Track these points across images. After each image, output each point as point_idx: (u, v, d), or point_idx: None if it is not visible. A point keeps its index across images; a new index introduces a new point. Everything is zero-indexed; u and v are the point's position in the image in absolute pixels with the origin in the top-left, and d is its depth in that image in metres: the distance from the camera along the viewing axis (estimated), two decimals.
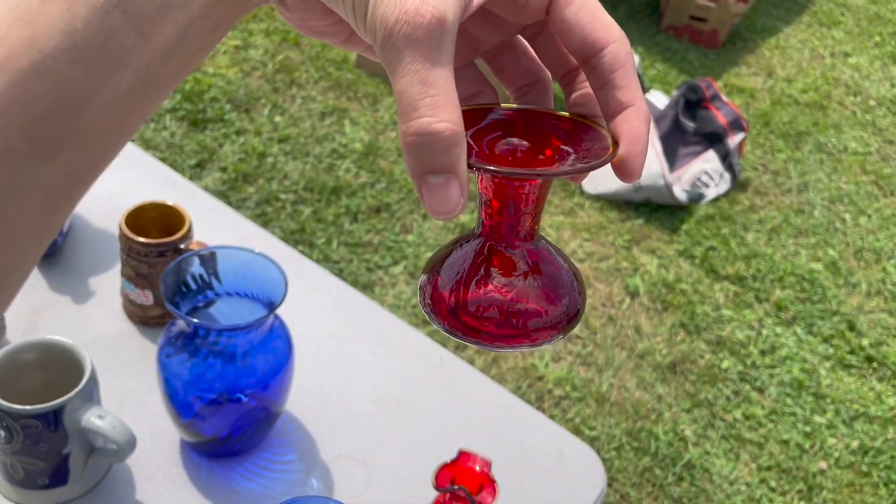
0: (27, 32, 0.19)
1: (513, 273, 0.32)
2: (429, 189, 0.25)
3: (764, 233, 2.35)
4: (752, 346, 1.96)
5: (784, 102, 3.08)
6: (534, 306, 0.31)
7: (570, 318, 0.32)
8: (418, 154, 0.25)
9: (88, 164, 0.23)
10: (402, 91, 0.24)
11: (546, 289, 0.32)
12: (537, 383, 1.73)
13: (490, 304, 0.31)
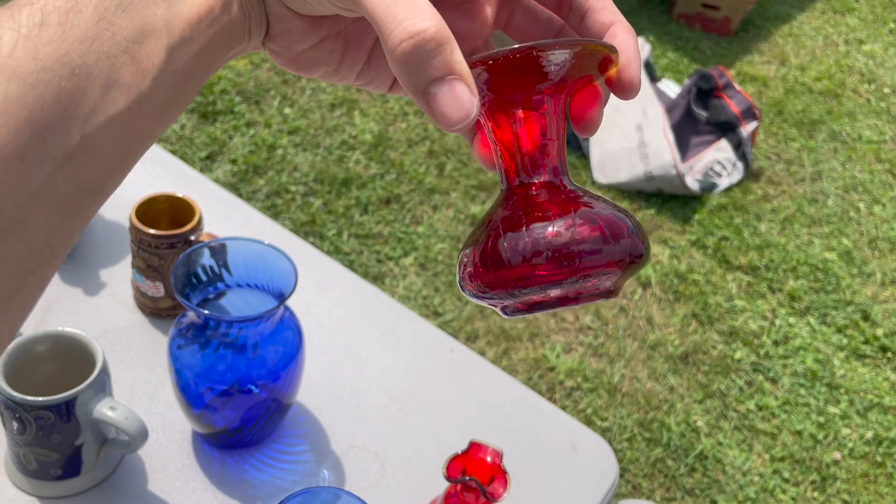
0: (31, 46, 0.22)
1: (553, 209, 0.28)
2: (435, 99, 0.24)
3: (777, 222, 2.33)
4: (766, 337, 1.95)
5: (797, 91, 3.05)
6: (587, 244, 0.27)
7: (632, 256, 0.27)
8: (412, 64, 0.24)
9: (98, 177, 0.24)
10: (373, 9, 0.24)
11: (596, 224, 0.27)
12: (548, 374, 1.73)
13: (539, 250, 0.27)
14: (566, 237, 0.27)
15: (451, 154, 2.29)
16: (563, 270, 0.27)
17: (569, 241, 0.27)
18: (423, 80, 0.24)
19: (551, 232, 0.27)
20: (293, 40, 0.29)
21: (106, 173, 0.25)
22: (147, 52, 0.24)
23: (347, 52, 0.31)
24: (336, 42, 0.31)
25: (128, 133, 0.24)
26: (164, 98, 0.25)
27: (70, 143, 0.23)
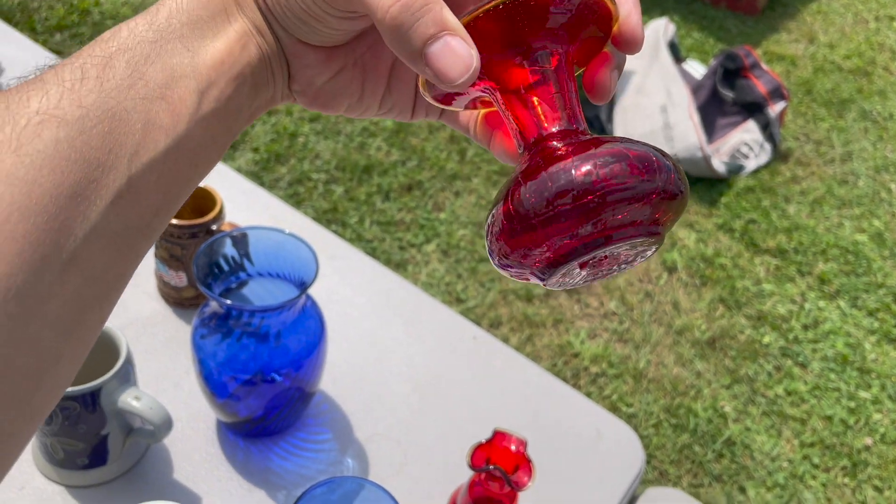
0: (75, 97, 0.25)
1: (572, 150, 0.26)
2: (433, 58, 0.25)
3: (806, 204, 2.29)
4: (795, 321, 1.92)
5: (826, 69, 2.99)
6: (615, 177, 0.25)
7: (665, 191, 0.25)
8: (403, 27, 0.25)
9: (144, 217, 0.27)
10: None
11: (622, 157, 0.25)
12: (573, 360, 1.72)
13: (563, 188, 0.25)
14: (588, 170, 0.25)
15: (472, 140, 2.28)
16: (590, 206, 0.24)
17: (592, 174, 0.25)
18: (418, 42, 0.25)
19: (572, 168, 0.25)
20: (313, 74, 0.31)
21: (152, 213, 0.27)
22: (179, 96, 0.26)
23: (367, 80, 0.32)
24: (354, 71, 0.32)
25: (169, 173, 0.27)
26: (198, 139, 0.27)
27: (118, 182, 0.25)
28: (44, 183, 0.23)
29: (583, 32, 0.28)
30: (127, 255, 0.27)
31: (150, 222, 0.27)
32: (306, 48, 0.30)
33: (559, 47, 0.27)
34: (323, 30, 0.29)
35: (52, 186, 0.23)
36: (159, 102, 0.26)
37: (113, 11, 2.45)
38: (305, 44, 0.30)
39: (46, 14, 2.39)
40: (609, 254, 0.27)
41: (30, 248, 0.23)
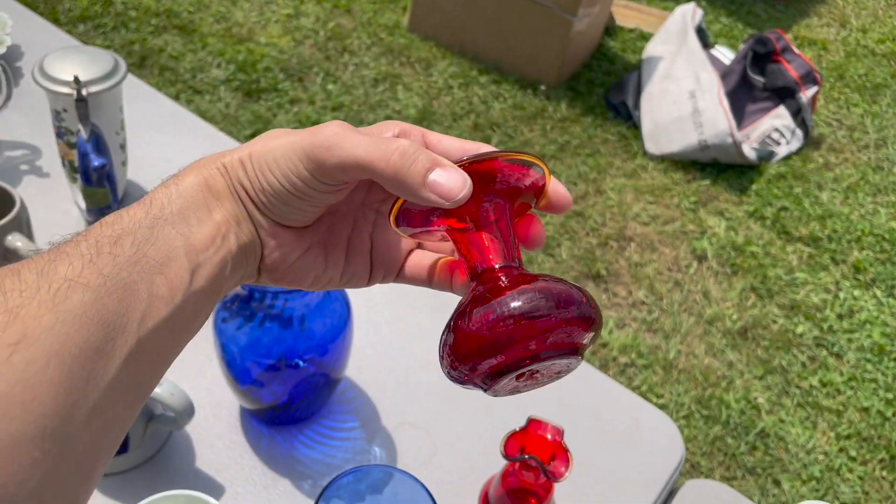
0: (94, 268, 0.29)
1: (511, 285, 0.32)
2: (437, 184, 0.31)
3: (840, 191, 2.23)
4: (829, 310, 1.87)
5: (859, 54, 2.91)
6: (542, 307, 0.31)
7: (585, 320, 0.32)
8: (404, 169, 0.31)
9: (147, 376, 0.31)
10: (360, 155, 0.32)
11: (550, 292, 0.31)
12: (601, 350, 1.68)
13: (502, 314, 0.31)
14: (521, 304, 0.31)
15: (496, 127, 2.25)
16: (524, 330, 0.30)
17: (525, 306, 0.31)
18: (419, 177, 0.31)
19: (510, 300, 0.31)
20: (287, 252, 0.36)
21: (151, 373, 0.31)
22: (175, 273, 0.31)
23: (329, 254, 0.37)
24: (319, 248, 0.37)
25: (167, 339, 0.31)
26: (190, 311, 0.31)
27: (130, 342, 0.29)
28: (76, 337, 0.27)
29: (520, 197, 0.35)
30: (135, 407, 0.30)
31: (151, 380, 0.31)
32: (282, 229, 0.35)
33: (503, 202, 0.34)
34: (305, 208, 0.34)
35: (81, 341, 0.27)
36: (160, 277, 0.30)
37: (136, 1, 2.45)
38: (281, 225, 0.35)
39: (70, 5, 2.38)
40: (540, 368, 0.32)
41: (64, 393, 0.26)
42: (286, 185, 0.33)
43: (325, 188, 0.33)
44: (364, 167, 0.31)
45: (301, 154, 0.32)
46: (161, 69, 2.22)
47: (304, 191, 0.33)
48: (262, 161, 0.33)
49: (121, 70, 0.78)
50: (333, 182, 0.33)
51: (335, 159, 0.32)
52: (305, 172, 0.32)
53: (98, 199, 0.79)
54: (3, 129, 0.91)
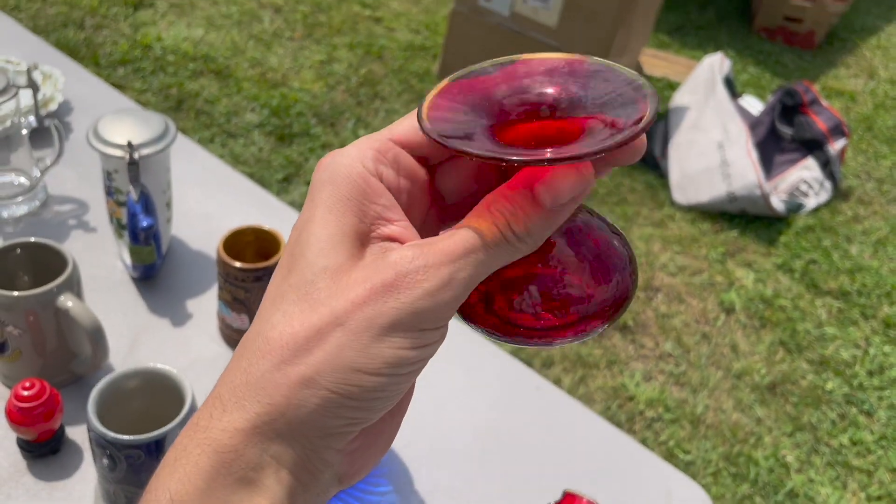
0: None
1: (543, 249, 0.27)
2: (554, 189, 0.26)
3: (869, 245, 2.22)
4: (859, 367, 1.84)
5: (888, 105, 2.91)
6: (575, 289, 0.27)
7: (617, 302, 0.28)
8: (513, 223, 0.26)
9: None
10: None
11: (588, 266, 0.27)
12: (628, 404, 1.67)
13: (523, 291, 0.27)
14: (546, 284, 0.27)
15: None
16: (541, 323, 0.27)
17: (548, 289, 0.27)
18: (531, 208, 0.26)
19: (534, 274, 0.27)
20: (367, 453, 0.30)
21: None
22: None
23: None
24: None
25: None
26: None
27: None
28: None
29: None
30: None
31: None
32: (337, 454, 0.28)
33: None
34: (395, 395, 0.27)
35: None
36: None
37: (174, 47, 2.52)
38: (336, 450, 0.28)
39: (111, 49, 2.46)
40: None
41: None
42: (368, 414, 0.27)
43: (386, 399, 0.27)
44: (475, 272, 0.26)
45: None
46: (197, 113, 2.27)
47: (359, 416, 0.27)
48: (313, 428, 0.26)
49: (171, 133, 0.80)
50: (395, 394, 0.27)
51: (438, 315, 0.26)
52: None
53: (144, 257, 0.81)
54: (53, 183, 0.94)
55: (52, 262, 0.73)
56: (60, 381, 0.73)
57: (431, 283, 0.25)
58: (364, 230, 0.27)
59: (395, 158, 0.28)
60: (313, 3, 2.91)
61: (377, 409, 0.26)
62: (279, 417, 0.25)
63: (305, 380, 0.25)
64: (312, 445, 0.26)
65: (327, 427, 0.26)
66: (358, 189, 0.27)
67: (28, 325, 0.69)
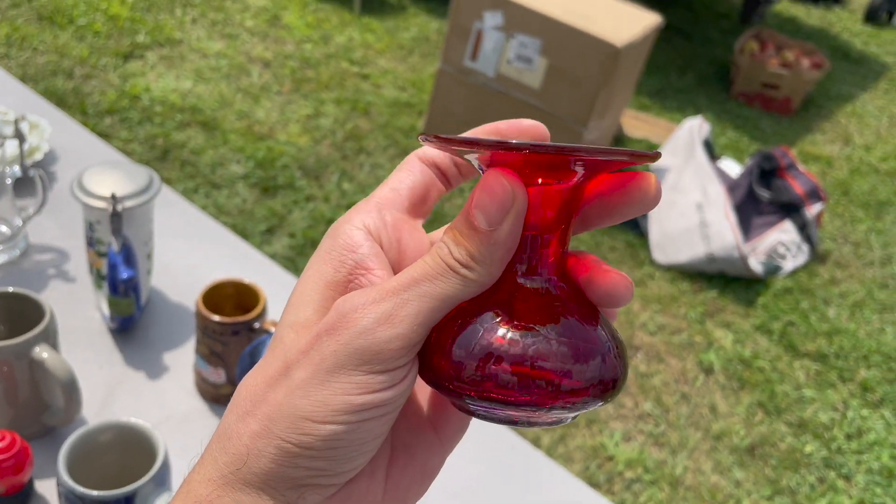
0: None
1: (533, 317, 0.25)
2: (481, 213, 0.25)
3: (846, 308, 2.24)
4: (837, 430, 1.85)
5: (863, 171, 2.98)
6: (559, 363, 0.24)
7: (605, 383, 0.25)
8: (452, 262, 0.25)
9: None
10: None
11: (575, 340, 0.25)
12: (607, 464, 1.66)
13: (505, 360, 0.24)
14: (529, 355, 0.24)
15: None
16: (525, 398, 0.24)
17: (532, 360, 0.24)
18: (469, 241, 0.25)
19: (507, 343, 0.24)
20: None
21: None
22: None
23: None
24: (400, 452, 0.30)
25: None
26: None
27: None
28: None
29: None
30: None
31: None
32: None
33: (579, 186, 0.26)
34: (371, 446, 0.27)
35: None
36: None
37: (162, 98, 2.54)
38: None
39: (98, 98, 2.48)
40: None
41: None
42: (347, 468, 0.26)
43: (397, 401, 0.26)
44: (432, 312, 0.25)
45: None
46: (182, 163, 2.28)
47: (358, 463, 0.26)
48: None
49: (155, 185, 0.81)
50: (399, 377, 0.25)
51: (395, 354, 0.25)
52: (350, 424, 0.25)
53: (122, 309, 0.81)
54: (34, 232, 0.94)
55: (29, 312, 0.72)
56: (31, 432, 0.72)
57: (369, 320, 0.24)
58: (340, 280, 0.27)
59: (388, 220, 0.29)
60: (302, 58, 2.96)
61: (342, 458, 0.25)
62: (243, 467, 0.26)
63: (261, 430, 0.26)
64: (286, 498, 0.26)
65: (292, 478, 0.25)
66: (337, 241, 0.27)
67: (1, 376, 0.68)
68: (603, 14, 2.36)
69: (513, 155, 0.24)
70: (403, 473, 0.29)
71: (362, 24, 3.29)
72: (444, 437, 0.31)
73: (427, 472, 0.30)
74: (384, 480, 0.29)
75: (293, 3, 3.35)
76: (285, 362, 0.26)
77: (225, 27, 3.05)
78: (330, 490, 0.26)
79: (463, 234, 0.25)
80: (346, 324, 0.25)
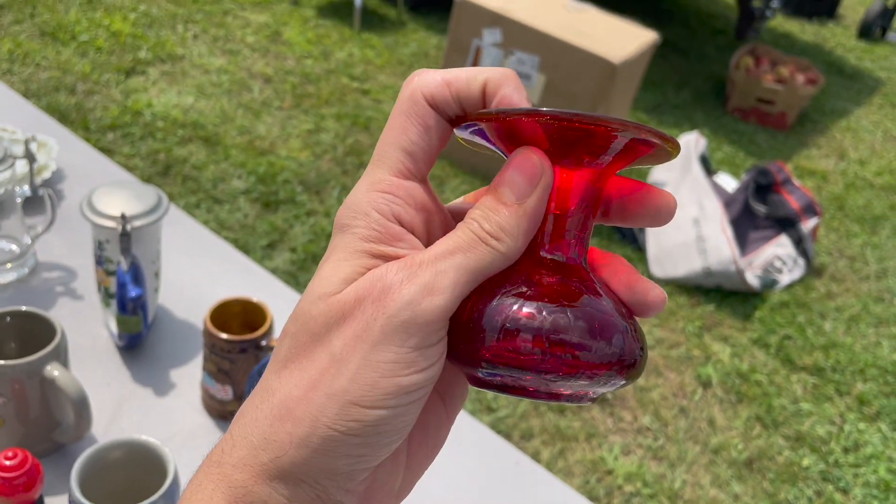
0: None
1: (554, 291, 0.26)
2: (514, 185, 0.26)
3: (842, 321, 2.26)
4: (834, 443, 1.86)
5: (858, 185, 3.01)
6: (579, 336, 0.25)
7: (624, 360, 0.26)
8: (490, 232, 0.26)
9: None
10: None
11: (596, 318, 0.26)
12: (606, 478, 1.67)
13: (528, 331, 0.25)
14: (547, 325, 0.25)
15: None
16: (545, 366, 0.25)
17: (554, 332, 0.25)
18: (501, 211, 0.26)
19: (533, 316, 0.25)
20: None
21: None
22: None
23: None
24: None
25: None
26: None
27: None
28: None
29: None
30: None
31: None
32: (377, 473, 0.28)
33: (607, 170, 0.28)
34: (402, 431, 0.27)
35: None
36: None
37: (164, 113, 2.56)
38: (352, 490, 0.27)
39: (101, 114, 2.50)
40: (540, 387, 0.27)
41: None
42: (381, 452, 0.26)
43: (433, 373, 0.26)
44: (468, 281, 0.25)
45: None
46: (184, 178, 2.30)
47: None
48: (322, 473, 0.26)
49: (163, 205, 0.83)
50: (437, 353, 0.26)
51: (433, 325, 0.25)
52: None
53: (130, 326, 0.82)
54: (42, 250, 0.96)
55: (38, 330, 0.74)
56: (41, 449, 0.73)
57: (413, 291, 0.24)
58: (370, 251, 0.27)
59: (408, 193, 0.27)
60: (302, 74, 2.98)
61: (382, 444, 0.26)
62: (283, 456, 0.25)
63: (305, 418, 0.25)
64: (321, 486, 0.26)
65: (331, 469, 0.25)
66: (375, 236, 0.27)
67: (13, 394, 0.70)
68: (600, 31, 2.39)
69: (550, 126, 0.26)
70: (419, 449, 0.30)
71: (362, 39, 3.33)
72: (451, 407, 0.31)
73: (437, 443, 0.31)
74: (405, 460, 0.29)
75: (294, 19, 3.38)
76: (328, 346, 0.25)
77: (226, 43, 3.08)
78: (363, 475, 0.26)
79: (492, 209, 0.26)
80: (390, 295, 0.25)
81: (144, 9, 3.18)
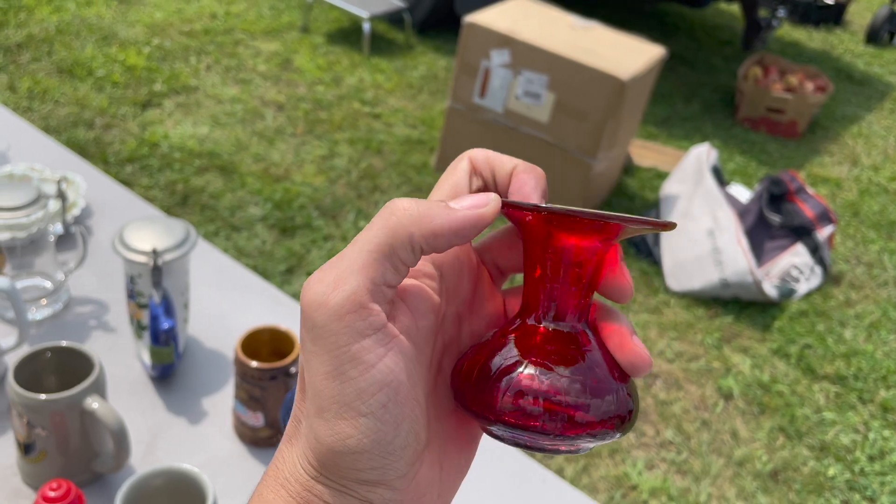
0: None
1: (556, 358, 0.29)
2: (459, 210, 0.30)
3: (862, 329, 2.25)
4: (859, 452, 1.85)
5: (872, 191, 3.01)
6: (576, 398, 0.28)
7: (621, 416, 0.29)
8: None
9: None
10: None
11: (591, 378, 0.29)
12: (631, 493, 1.67)
13: (530, 394, 0.29)
14: (550, 390, 0.28)
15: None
16: (548, 427, 0.28)
17: (553, 395, 0.28)
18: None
19: (528, 379, 0.29)
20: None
21: None
22: None
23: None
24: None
25: None
26: None
27: None
28: None
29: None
30: None
31: None
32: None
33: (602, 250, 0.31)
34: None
35: None
36: None
37: (180, 144, 2.61)
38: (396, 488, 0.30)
39: (119, 147, 2.54)
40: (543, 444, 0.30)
41: None
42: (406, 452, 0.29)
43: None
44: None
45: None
46: (202, 207, 2.34)
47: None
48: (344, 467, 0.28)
49: (192, 238, 0.85)
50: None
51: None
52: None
53: (163, 357, 0.85)
54: (75, 285, 0.98)
55: (76, 364, 0.76)
56: (81, 480, 0.75)
57: (322, 288, 0.28)
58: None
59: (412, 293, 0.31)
60: (314, 100, 3.03)
61: (384, 449, 0.28)
62: (329, 465, 0.29)
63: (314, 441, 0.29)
64: (359, 494, 0.28)
65: (360, 479, 0.28)
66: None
67: (54, 427, 0.72)
68: (607, 48, 2.41)
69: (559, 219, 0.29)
70: (450, 457, 0.32)
71: (372, 64, 3.37)
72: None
73: (470, 445, 0.33)
74: (440, 470, 0.31)
75: (304, 46, 3.43)
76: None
77: (238, 73, 3.13)
78: (402, 483, 0.29)
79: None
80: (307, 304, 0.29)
81: (158, 42, 3.24)
